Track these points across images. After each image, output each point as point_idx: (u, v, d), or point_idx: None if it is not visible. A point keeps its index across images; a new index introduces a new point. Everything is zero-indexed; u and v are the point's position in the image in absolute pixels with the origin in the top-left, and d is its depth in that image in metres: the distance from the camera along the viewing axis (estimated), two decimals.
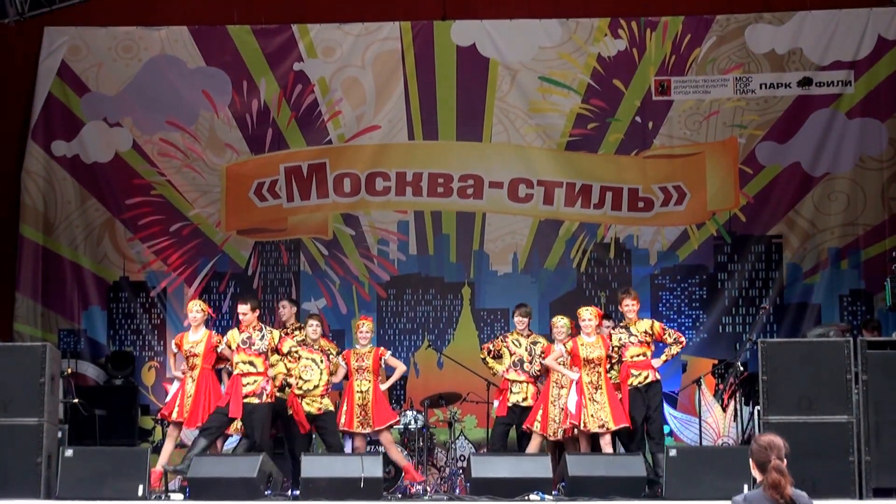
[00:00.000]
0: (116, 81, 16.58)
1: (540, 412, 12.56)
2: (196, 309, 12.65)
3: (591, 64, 16.46)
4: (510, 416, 12.88)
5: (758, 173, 16.29)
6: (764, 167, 16.29)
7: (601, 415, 12.23)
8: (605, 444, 12.29)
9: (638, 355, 12.56)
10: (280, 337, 12.49)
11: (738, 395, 14.41)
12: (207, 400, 12.28)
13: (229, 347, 12.37)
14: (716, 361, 15.59)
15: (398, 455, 12.95)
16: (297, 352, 12.53)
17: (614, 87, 16.46)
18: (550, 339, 12.93)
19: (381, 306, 16.53)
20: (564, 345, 12.60)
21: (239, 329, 12.49)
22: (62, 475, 11.13)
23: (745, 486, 10.87)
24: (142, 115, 16.60)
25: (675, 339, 12.72)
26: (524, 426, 12.68)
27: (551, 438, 12.54)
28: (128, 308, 16.53)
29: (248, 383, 12.18)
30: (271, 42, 16.55)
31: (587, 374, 12.36)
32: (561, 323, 12.86)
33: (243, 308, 12.48)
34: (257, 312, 12.50)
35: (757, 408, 11.47)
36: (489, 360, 13.19)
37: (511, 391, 12.88)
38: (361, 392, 12.88)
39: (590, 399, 12.28)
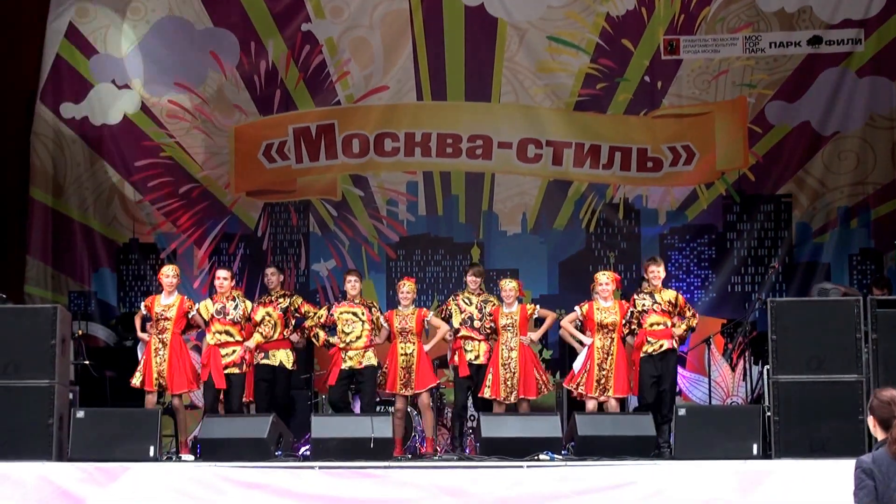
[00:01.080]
0: (124, 43, 16.50)
1: (490, 376, 12.57)
2: (172, 274, 12.62)
3: (600, 23, 16.35)
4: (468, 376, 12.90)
5: (767, 132, 16.21)
6: (773, 126, 16.20)
7: (604, 382, 12.23)
8: (611, 409, 12.27)
9: (658, 324, 12.39)
10: (253, 307, 12.63)
11: (747, 354, 14.41)
12: (182, 366, 12.33)
13: (202, 317, 12.45)
14: (725, 321, 15.55)
15: (430, 422, 12.87)
16: (271, 319, 12.61)
17: (623, 46, 16.36)
18: (500, 301, 12.93)
19: (390, 267, 16.52)
20: (581, 308, 12.57)
21: (212, 298, 12.60)
22: (74, 436, 11.17)
23: (755, 446, 10.89)
24: (150, 76, 16.53)
25: (692, 313, 12.65)
26: (479, 395, 12.71)
27: (504, 402, 12.53)
28: (137, 270, 16.53)
29: (226, 353, 12.33)
30: (279, 2, 16.45)
31: (599, 339, 12.34)
32: (510, 286, 12.81)
33: (225, 274, 12.62)
34: (234, 281, 12.70)
35: (766, 367, 11.44)
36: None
37: (465, 349, 12.88)
38: (406, 355, 12.69)
39: (598, 365, 12.27)
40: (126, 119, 16.55)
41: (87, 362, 13.74)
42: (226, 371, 12.29)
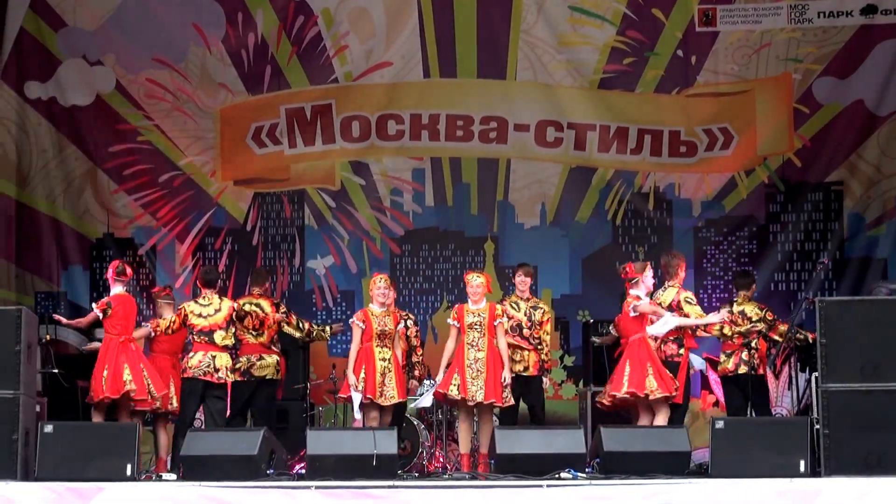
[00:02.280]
0: (97, 14, 16.49)
1: (456, 376, 12.50)
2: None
3: None
4: (515, 388, 12.83)
5: (815, 113, 16.20)
6: (822, 106, 16.19)
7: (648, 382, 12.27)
8: (661, 413, 12.27)
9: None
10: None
11: (792, 360, 14.40)
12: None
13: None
14: None
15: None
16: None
17: (653, 16, 16.35)
18: (464, 300, 12.94)
19: (394, 264, 16.52)
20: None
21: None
22: (41, 453, 11.15)
23: (802, 463, 10.87)
24: (126, 51, 16.53)
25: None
26: (437, 391, 12.66)
27: (471, 403, 12.51)
28: None
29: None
30: None
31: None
32: (477, 281, 12.80)
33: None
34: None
35: (814, 375, 11.43)
36: None
37: (512, 360, 12.83)
38: (385, 360, 12.66)
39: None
40: (99, 99, 16.57)
41: (55, 371, 13.73)
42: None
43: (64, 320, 13.31)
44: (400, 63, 16.53)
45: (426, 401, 13.03)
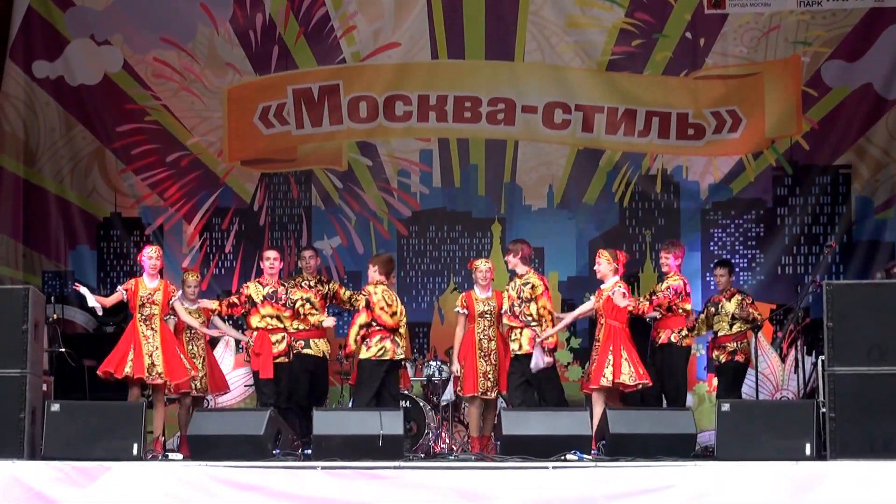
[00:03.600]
0: None
1: (463, 371, 12.78)
2: (156, 256, 12.91)
3: None
4: (514, 367, 12.91)
5: (824, 96, 16.16)
6: (831, 89, 16.15)
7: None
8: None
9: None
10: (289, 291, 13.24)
11: (799, 343, 14.40)
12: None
13: (251, 302, 12.92)
14: (774, 306, 15.51)
15: None
16: (312, 306, 13.18)
17: None
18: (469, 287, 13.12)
19: (401, 245, 16.52)
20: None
21: (260, 281, 13.08)
22: (48, 432, 11.17)
23: (808, 446, 10.87)
24: (133, 31, 16.51)
25: None
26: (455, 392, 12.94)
27: (482, 397, 12.80)
28: (120, 247, 16.55)
29: (276, 341, 12.87)
30: None
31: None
32: (485, 267, 12.87)
33: (275, 254, 13.20)
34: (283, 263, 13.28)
35: (821, 358, 11.42)
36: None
37: (510, 339, 12.92)
38: None
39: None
40: (106, 79, 16.55)
41: (62, 350, 13.76)
42: (276, 360, 12.85)
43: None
44: (408, 44, 16.51)
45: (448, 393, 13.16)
